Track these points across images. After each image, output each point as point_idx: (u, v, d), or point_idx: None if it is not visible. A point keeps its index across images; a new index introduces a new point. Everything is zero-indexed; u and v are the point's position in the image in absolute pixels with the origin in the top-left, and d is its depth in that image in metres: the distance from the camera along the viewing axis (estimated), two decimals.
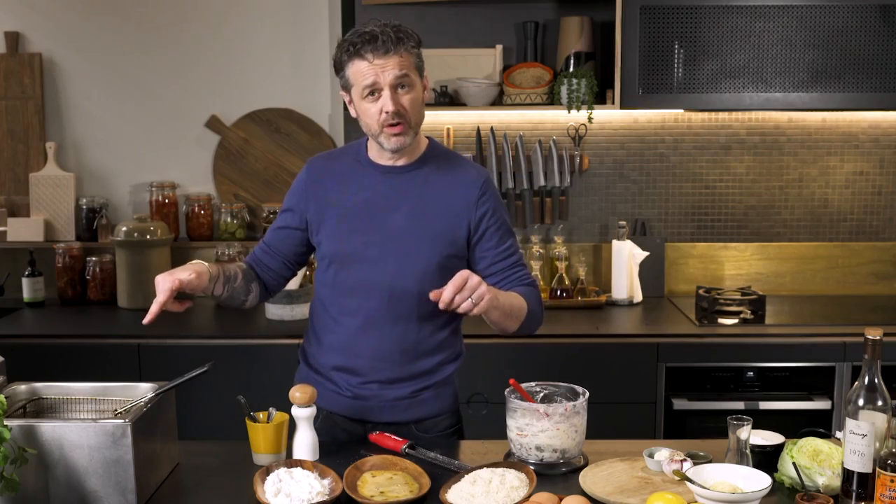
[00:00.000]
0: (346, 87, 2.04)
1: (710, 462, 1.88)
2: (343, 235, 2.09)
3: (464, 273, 1.89)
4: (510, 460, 1.92)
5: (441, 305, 1.88)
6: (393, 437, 2.04)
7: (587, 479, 1.86)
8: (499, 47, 3.50)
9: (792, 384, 3.08)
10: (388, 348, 2.10)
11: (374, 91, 1.98)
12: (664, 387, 3.07)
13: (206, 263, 2.02)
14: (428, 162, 2.11)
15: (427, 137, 2.16)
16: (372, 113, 2.00)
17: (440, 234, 2.07)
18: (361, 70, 1.97)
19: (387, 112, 1.97)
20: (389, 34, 1.95)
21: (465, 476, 1.82)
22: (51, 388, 1.97)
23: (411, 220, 2.07)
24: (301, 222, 2.16)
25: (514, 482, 1.77)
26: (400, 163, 2.09)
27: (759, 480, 1.74)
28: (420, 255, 2.07)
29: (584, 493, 1.78)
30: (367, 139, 2.13)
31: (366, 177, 2.11)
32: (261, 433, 1.96)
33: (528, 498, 1.73)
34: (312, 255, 2.24)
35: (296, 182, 2.19)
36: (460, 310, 1.89)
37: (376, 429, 2.12)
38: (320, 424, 2.15)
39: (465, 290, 1.87)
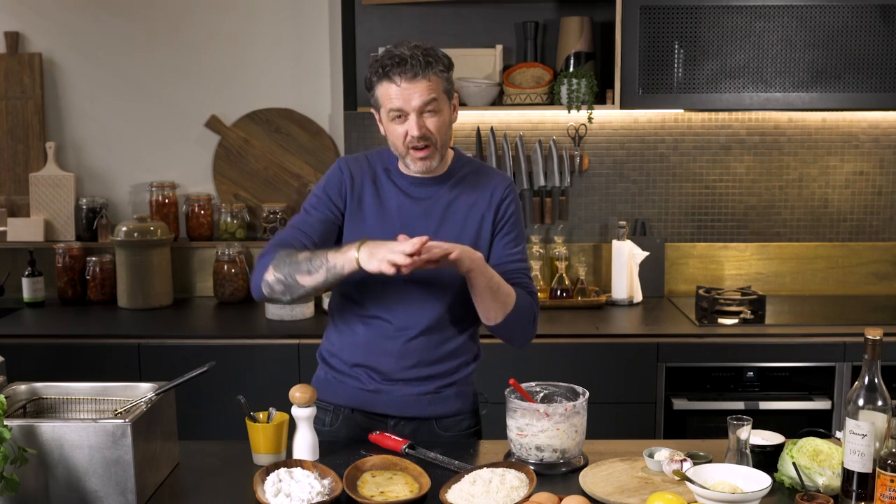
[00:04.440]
0: (376, 107, 2.06)
1: (710, 462, 1.88)
2: (374, 238, 2.05)
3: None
4: (510, 460, 1.92)
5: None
6: (393, 436, 2.04)
7: (587, 479, 1.86)
8: (499, 47, 3.50)
9: (792, 384, 3.08)
10: (413, 349, 2.09)
11: (400, 115, 2.00)
12: (664, 387, 3.07)
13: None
14: (455, 173, 2.13)
15: (452, 148, 2.17)
16: (398, 134, 2.02)
17: (468, 243, 2.06)
18: (389, 93, 1.98)
19: (412, 136, 2.00)
20: (419, 58, 1.96)
21: (465, 476, 1.82)
22: (51, 388, 1.97)
23: (440, 228, 2.08)
24: (338, 215, 2.12)
25: (514, 482, 1.77)
26: (427, 174, 2.11)
27: (759, 480, 1.74)
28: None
29: (584, 493, 1.78)
30: None
31: (396, 184, 2.12)
32: (261, 433, 1.96)
33: (528, 498, 1.73)
34: None
35: (332, 173, 2.15)
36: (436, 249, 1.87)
37: (399, 425, 2.13)
38: (339, 425, 2.16)
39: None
